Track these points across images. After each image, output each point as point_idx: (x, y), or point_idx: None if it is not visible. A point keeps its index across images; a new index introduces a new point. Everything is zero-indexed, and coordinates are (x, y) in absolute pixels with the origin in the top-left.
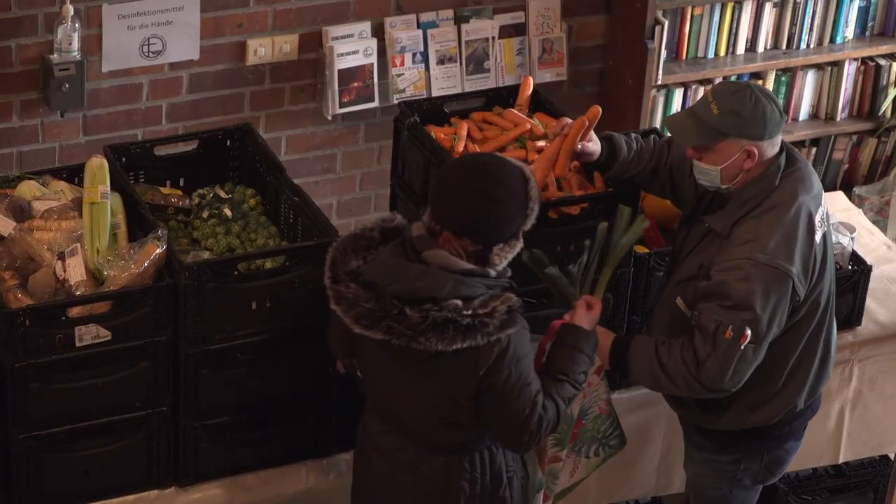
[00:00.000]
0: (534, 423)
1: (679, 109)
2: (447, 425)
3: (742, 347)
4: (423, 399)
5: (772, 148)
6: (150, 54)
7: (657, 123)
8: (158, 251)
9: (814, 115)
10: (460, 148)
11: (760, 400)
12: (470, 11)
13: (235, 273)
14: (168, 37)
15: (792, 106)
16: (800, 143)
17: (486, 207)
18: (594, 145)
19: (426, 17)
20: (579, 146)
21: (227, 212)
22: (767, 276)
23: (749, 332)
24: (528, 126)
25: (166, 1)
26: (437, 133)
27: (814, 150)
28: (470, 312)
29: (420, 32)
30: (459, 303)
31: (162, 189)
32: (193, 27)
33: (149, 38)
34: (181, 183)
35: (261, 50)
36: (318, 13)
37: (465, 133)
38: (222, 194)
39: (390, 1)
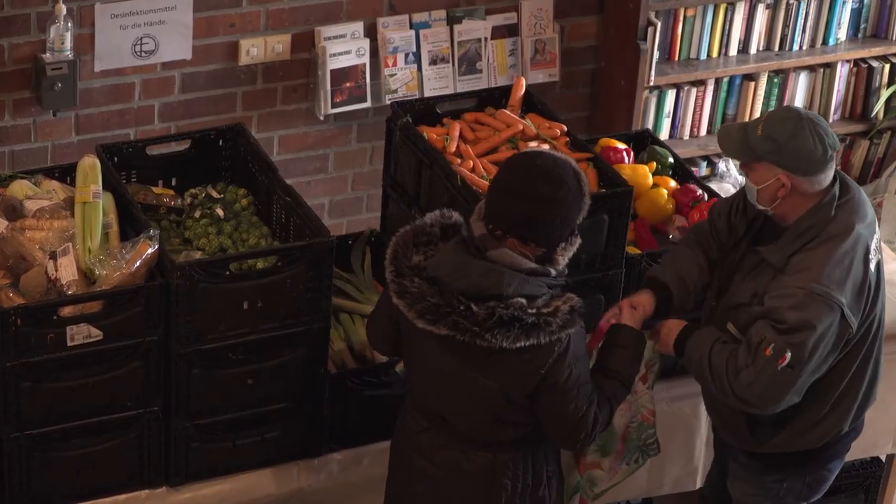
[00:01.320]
0: (590, 421)
1: (671, 111)
2: (496, 423)
3: (778, 368)
4: (476, 396)
5: (813, 185)
6: (143, 54)
7: (649, 125)
8: (150, 251)
9: None
10: (452, 148)
11: (808, 424)
12: (462, 12)
13: (227, 273)
14: (160, 36)
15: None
16: None
17: (550, 212)
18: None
19: (419, 17)
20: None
21: (219, 211)
22: (818, 306)
23: (789, 355)
24: (521, 127)
25: (159, 1)
26: (430, 133)
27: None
28: (534, 311)
29: (412, 33)
30: (524, 301)
31: (154, 189)
32: (186, 27)
33: (141, 38)
34: (173, 182)
35: (253, 50)
36: (311, 13)
37: (457, 134)
38: (214, 194)
39: (383, 1)
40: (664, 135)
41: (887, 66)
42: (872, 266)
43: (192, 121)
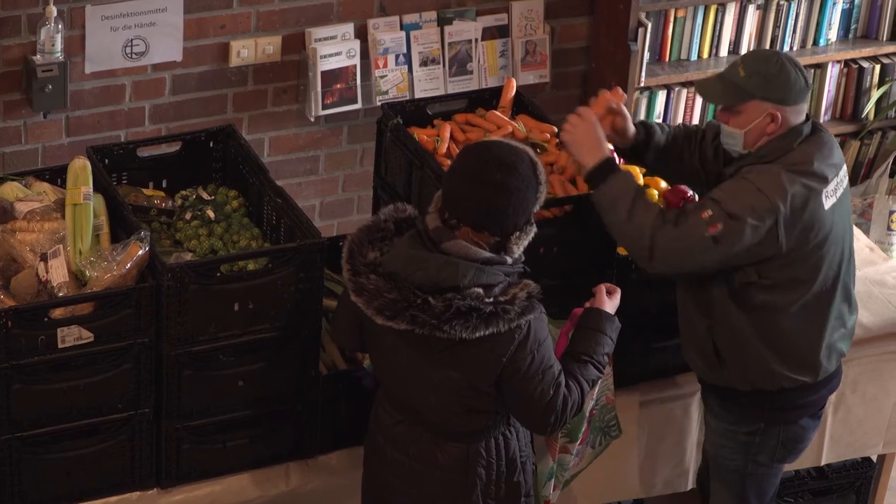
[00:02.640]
0: (559, 404)
1: (661, 111)
2: (467, 412)
3: (706, 234)
4: (444, 388)
5: (796, 116)
6: (133, 55)
7: None
8: (141, 252)
9: None
10: (443, 150)
11: (756, 361)
12: (453, 13)
13: (218, 274)
14: (151, 38)
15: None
16: None
17: (503, 199)
18: (627, 122)
19: (409, 18)
20: (615, 104)
21: (210, 213)
22: (757, 199)
23: (721, 226)
24: (511, 128)
25: (149, 2)
26: (420, 135)
27: None
28: (492, 300)
29: (403, 34)
30: (481, 291)
31: (145, 190)
32: (176, 28)
33: (132, 40)
34: (164, 184)
35: (244, 51)
36: (302, 15)
37: (447, 135)
38: (205, 196)
39: (373, 3)
40: None
41: (878, 67)
42: (826, 205)
43: (182, 122)
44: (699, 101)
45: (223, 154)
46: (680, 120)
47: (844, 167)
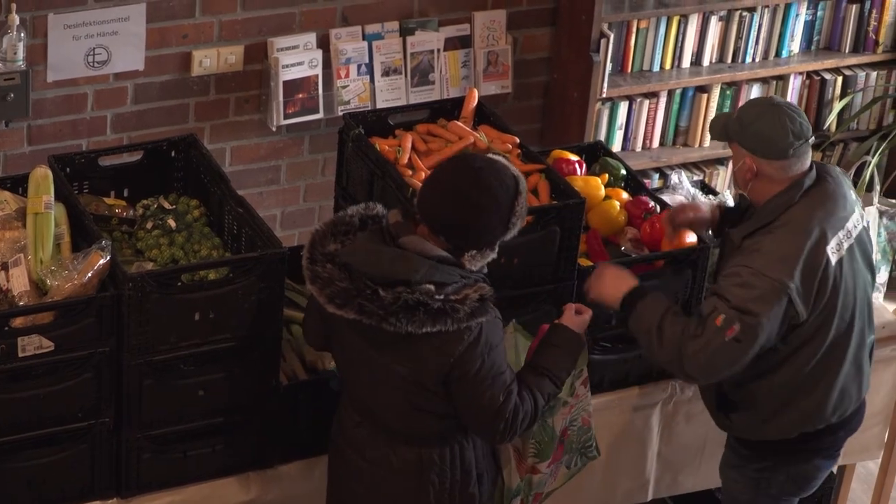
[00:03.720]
0: (509, 412)
1: (623, 123)
2: (415, 412)
3: (726, 339)
4: (391, 383)
5: (779, 169)
6: (96, 64)
7: (601, 136)
8: (102, 262)
9: None
10: (404, 160)
11: (772, 413)
12: (415, 23)
13: (179, 284)
14: (113, 47)
15: None
16: None
17: (469, 215)
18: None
19: (371, 28)
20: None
21: (171, 223)
22: (765, 286)
23: (737, 327)
24: (473, 139)
25: (112, 11)
26: (382, 145)
27: None
28: (441, 297)
29: (365, 44)
30: (432, 287)
31: (106, 199)
32: (139, 37)
33: (94, 49)
34: (125, 193)
35: (206, 61)
36: (264, 24)
37: (409, 145)
38: (166, 205)
39: (336, 13)
40: (616, 147)
41: (840, 79)
42: (833, 260)
43: (144, 131)
44: (661, 112)
45: (185, 163)
46: (641, 130)
47: (856, 215)
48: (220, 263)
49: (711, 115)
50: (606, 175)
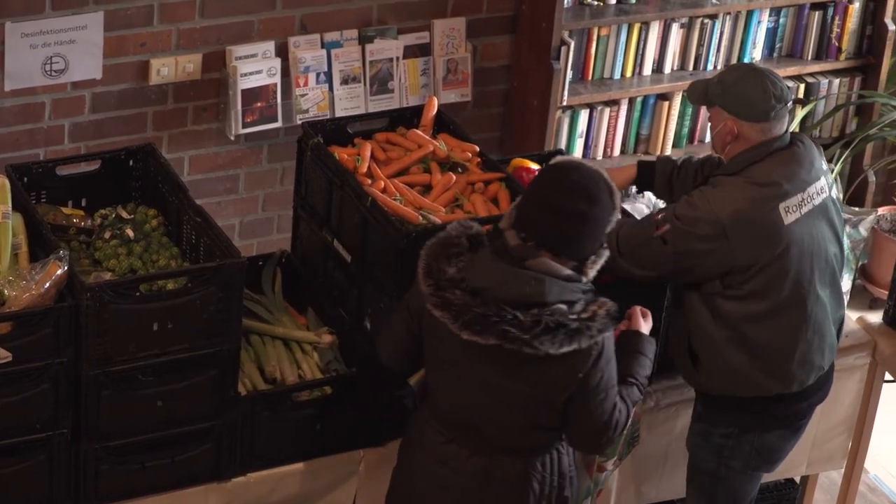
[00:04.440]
0: (613, 424)
1: (584, 130)
2: (532, 429)
3: (654, 235)
4: (516, 403)
5: (759, 133)
6: (53, 73)
7: (562, 144)
8: (60, 272)
9: None
10: (363, 169)
11: (727, 367)
12: (374, 31)
13: (137, 294)
14: (71, 55)
15: (698, 127)
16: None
17: (586, 228)
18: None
19: (330, 36)
20: None
21: (129, 232)
22: (706, 215)
23: (669, 227)
24: (432, 147)
25: (70, 20)
26: (341, 154)
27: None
28: (575, 316)
29: (324, 52)
30: (564, 307)
31: (64, 209)
32: (96, 46)
33: (51, 57)
34: (83, 203)
35: (164, 69)
36: (222, 33)
37: (368, 154)
38: (124, 215)
39: (294, 21)
40: (577, 155)
41: (802, 86)
42: (786, 219)
43: (102, 141)
44: (622, 120)
45: (143, 173)
46: (602, 139)
47: (821, 182)
48: (179, 273)
49: (673, 122)
50: None
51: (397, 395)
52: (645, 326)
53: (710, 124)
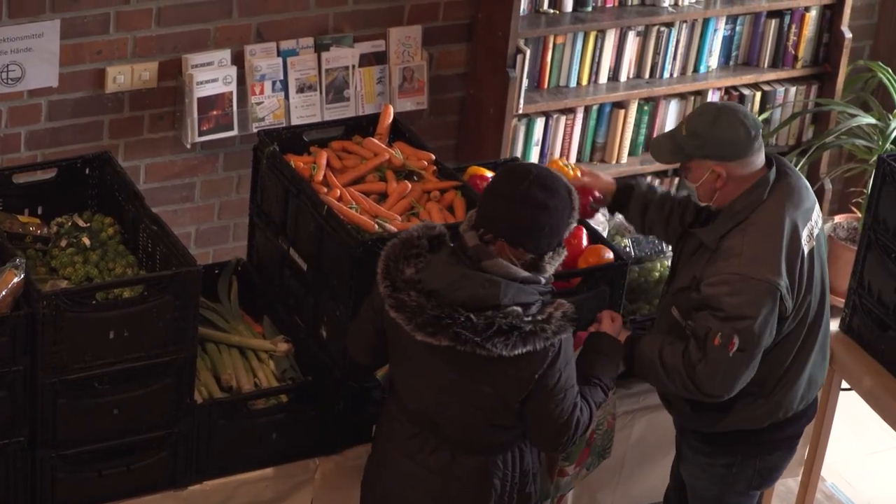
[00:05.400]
0: (573, 424)
1: (540, 139)
2: (491, 427)
3: (730, 355)
4: (473, 403)
5: (745, 167)
6: (9, 81)
7: (518, 153)
8: (16, 280)
9: None
10: (319, 177)
11: (749, 406)
12: (330, 39)
13: (93, 302)
14: (27, 63)
15: (654, 135)
16: (662, 174)
17: (542, 217)
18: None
19: (286, 44)
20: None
21: (86, 240)
22: (756, 290)
23: (737, 340)
24: (388, 155)
25: (26, 28)
26: (297, 162)
27: (676, 179)
28: (530, 318)
29: (280, 60)
30: (519, 309)
31: (20, 217)
32: (53, 54)
33: (8, 65)
34: (39, 211)
35: (120, 77)
36: (178, 41)
37: (324, 162)
38: (81, 223)
39: (251, 29)
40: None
41: (758, 94)
42: (806, 251)
43: (58, 149)
44: (577, 128)
45: (99, 181)
46: (558, 146)
47: (817, 206)
48: (135, 281)
49: (629, 131)
50: None
51: (365, 387)
52: (614, 329)
53: (687, 176)
